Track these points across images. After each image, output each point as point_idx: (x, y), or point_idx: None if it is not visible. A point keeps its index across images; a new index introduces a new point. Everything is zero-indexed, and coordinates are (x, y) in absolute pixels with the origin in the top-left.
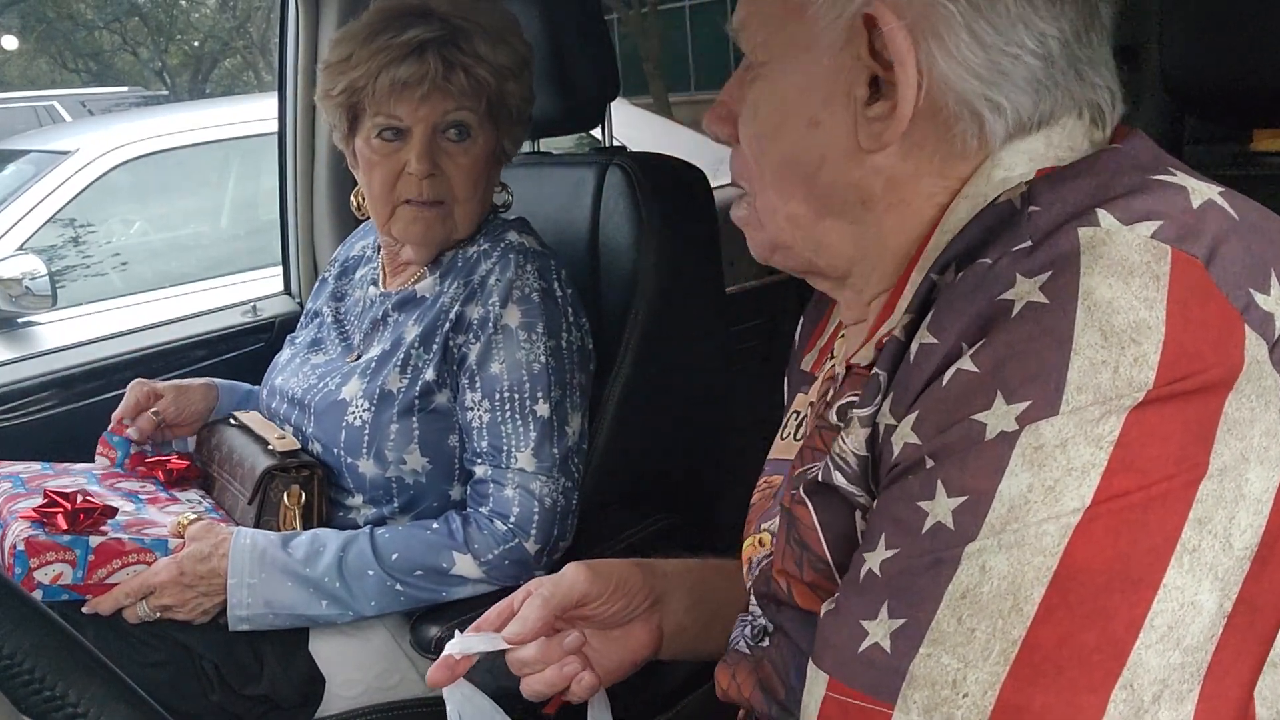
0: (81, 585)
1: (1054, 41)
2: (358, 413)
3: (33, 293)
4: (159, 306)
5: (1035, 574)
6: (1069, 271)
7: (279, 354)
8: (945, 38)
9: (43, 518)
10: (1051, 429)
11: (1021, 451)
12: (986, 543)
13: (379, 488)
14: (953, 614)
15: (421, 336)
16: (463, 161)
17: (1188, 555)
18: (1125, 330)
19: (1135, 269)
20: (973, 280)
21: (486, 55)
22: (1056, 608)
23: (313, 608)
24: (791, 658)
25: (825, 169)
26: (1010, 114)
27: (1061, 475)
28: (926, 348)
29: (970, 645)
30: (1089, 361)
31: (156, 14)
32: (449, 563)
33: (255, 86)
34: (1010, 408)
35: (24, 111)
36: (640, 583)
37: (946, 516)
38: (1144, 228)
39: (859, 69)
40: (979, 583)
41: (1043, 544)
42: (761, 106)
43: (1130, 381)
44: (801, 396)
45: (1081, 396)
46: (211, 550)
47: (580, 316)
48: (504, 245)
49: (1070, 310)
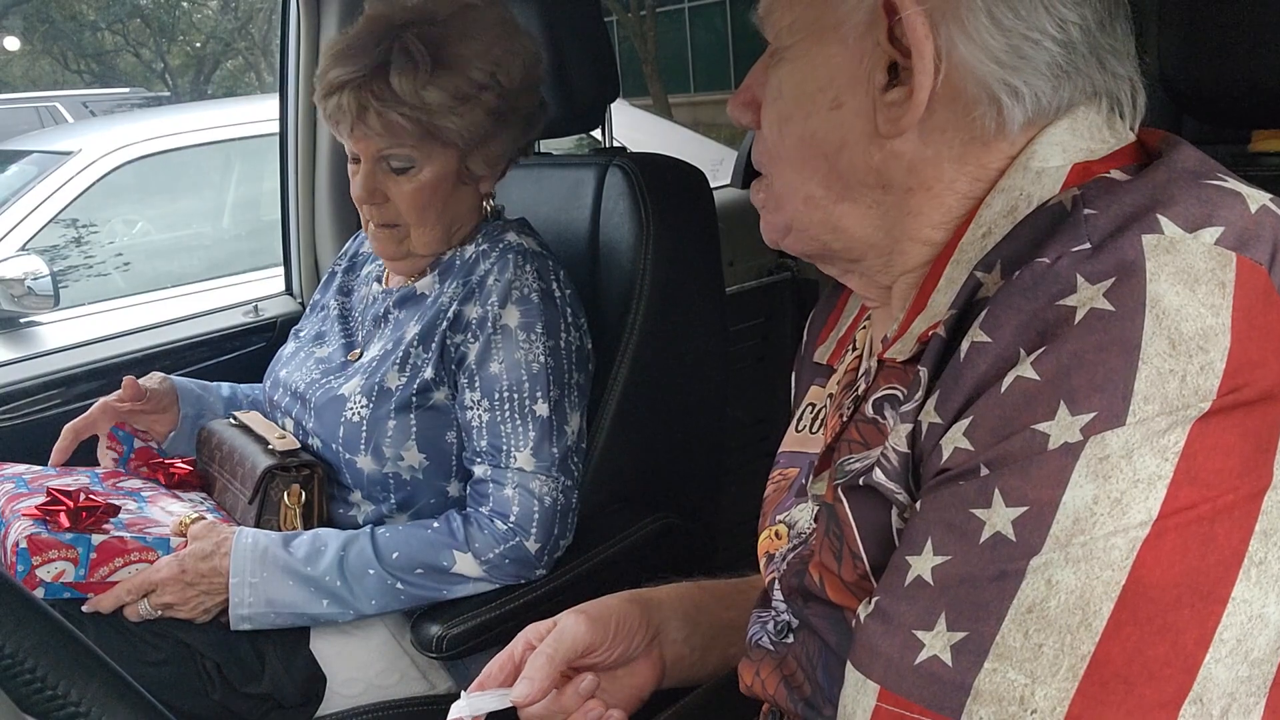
0: (83, 583)
1: (1075, 28)
2: (356, 409)
3: (35, 293)
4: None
5: (1104, 589)
6: (1135, 278)
7: (283, 346)
8: (965, 21)
9: (45, 516)
10: (1117, 440)
11: (1086, 463)
12: (1052, 556)
13: (376, 484)
14: (1019, 628)
15: (421, 335)
16: (406, 189)
17: (1255, 568)
18: (1193, 338)
19: (1201, 276)
20: (1029, 279)
21: (406, 95)
22: (1125, 623)
23: (314, 606)
24: (819, 654)
25: (845, 151)
26: (1029, 99)
27: (1128, 487)
28: (979, 346)
29: (1038, 661)
30: (1157, 371)
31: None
32: (450, 561)
33: (257, 88)
34: (1075, 418)
35: (26, 112)
36: (638, 620)
37: (1006, 527)
38: (1208, 234)
39: (879, 54)
40: (1045, 597)
41: (1110, 558)
42: (786, 87)
43: (1196, 390)
44: (817, 389)
45: (1149, 407)
46: (213, 549)
47: (579, 317)
48: (503, 246)
49: (1138, 318)
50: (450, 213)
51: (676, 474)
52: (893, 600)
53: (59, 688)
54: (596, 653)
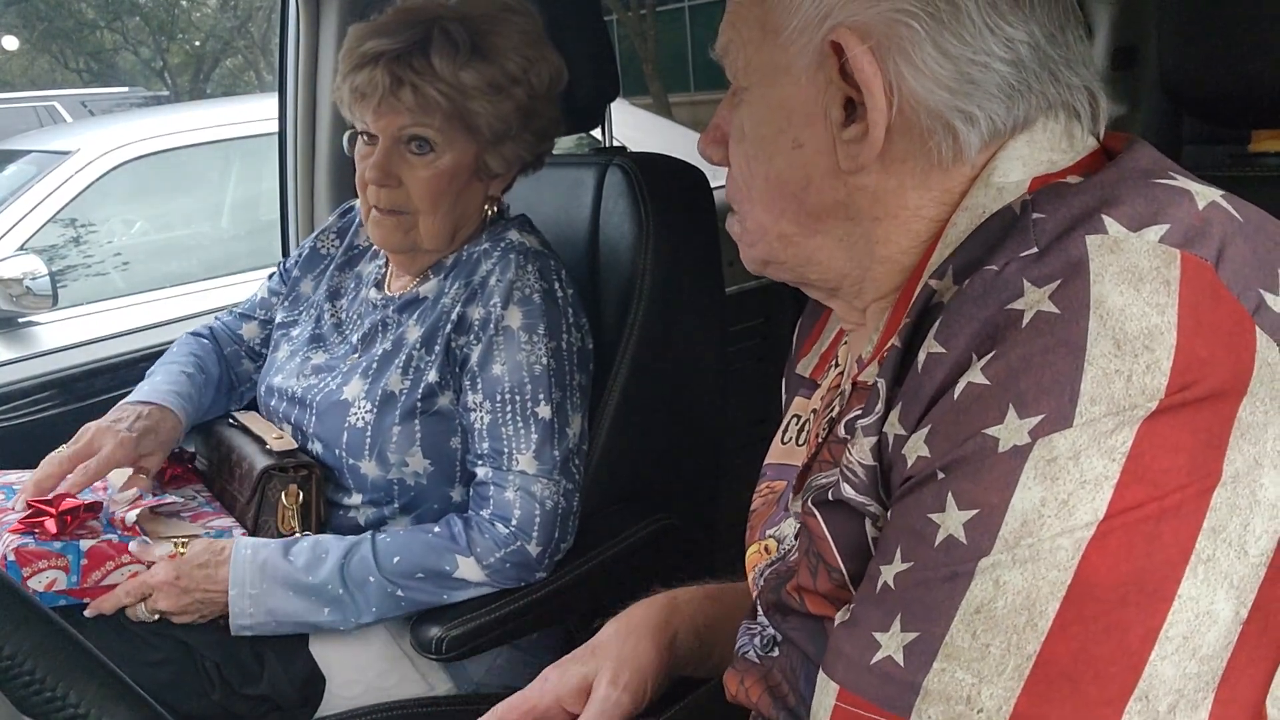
0: (77, 589)
1: (1024, 46)
2: (360, 414)
3: (33, 292)
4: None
5: (1050, 589)
6: (1079, 280)
7: (275, 351)
8: (912, 54)
9: (31, 527)
10: (1065, 441)
11: (1034, 465)
12: (1000, 557)
13: (380, 489)
14: (967, 629)
15: (424, 338)
16: (422, 174)
17: (1202, 565)
18: (1138, 337)
19: (1145, 275)
20: (980, 287)
21: (444, 73)
22: (1071, 622)
23: (314, 615)
24: (800, 666)
25: (811, 189)
26: (984, 122)
27: (1075, 488)
28: (935, 357)
29: (985, 661)
30: (1102, 371)
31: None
32: (451, 566)
33: (256, 86)
34: (1023, 421)
35: (25, 111)
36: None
37: (958, 530)
38: (1151, 232)
39: (833, 92)
40: (993, 598)
41: (1057, 559)
42: (748, 128)
43: (1143, 390)
44: (802, 401)
45: (1095, 408)
46: (210, 557)
47: (580, 317)
48: (505, 245)
49: (1083, 320)
50: (460, 208)
51: (676, 475)
52: (861, 606)
53: (57, 689)
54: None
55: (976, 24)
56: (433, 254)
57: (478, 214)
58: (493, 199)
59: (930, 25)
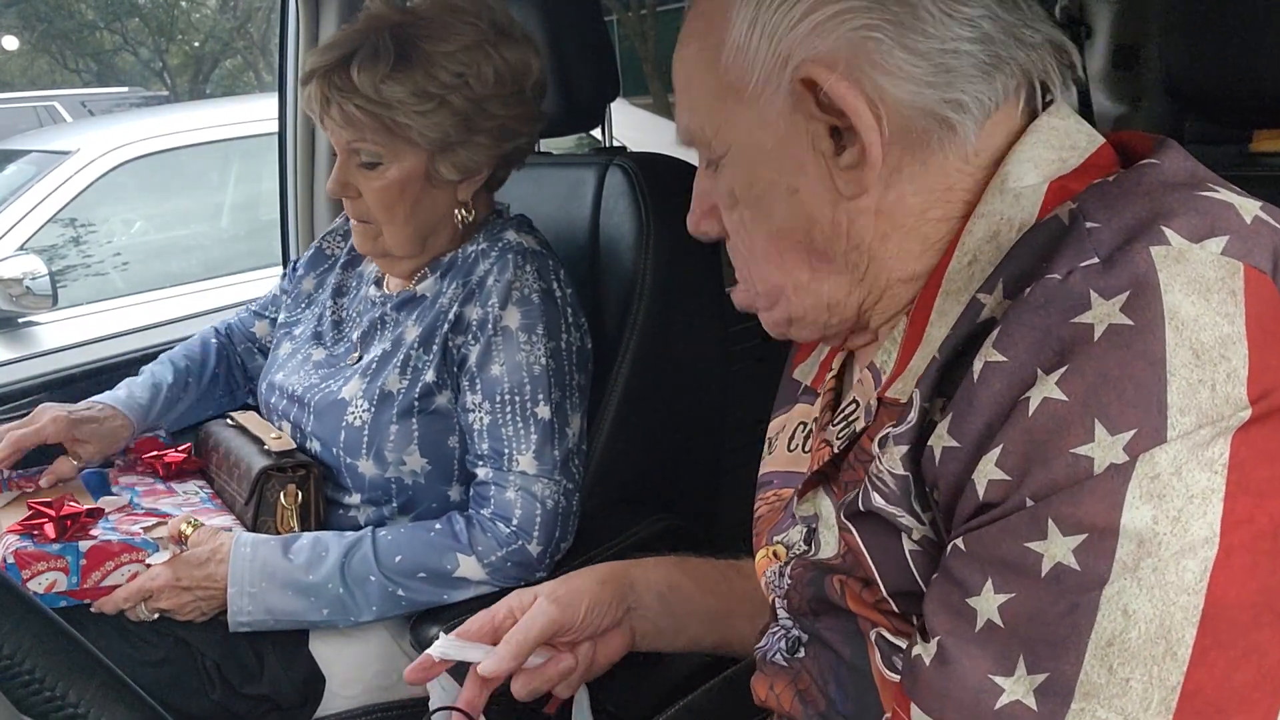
0: (78, 590)
1: (984, 20)
2: (357, 413)
3: (33, 292)
4: (159, 306)
5: (1184, 615)
6: (1149, 291)
7: (278, 348)
8: (884, 64)
9: (30, 530)
10: (1165, 456)
11: (1138, 482)
12: (1124, 584)
13: (378, 488)
14: (1102, 664)
15: (421, 337)
16: (373, 186)
17: None
18: (1214, 346)
19: (1213, 285)
20: (1042, 296)
21: (364, 88)
22: (1210, 648)
23: (313, 615)
24: (830, 668)
25: (816, 229)
26: (973, 104)
27: (1184, 504)
28: (993, 366)
29: (1127, 696)
30: (1186, 382)
31: (157, 14)
32: (452, 565)
33: (255, 87)
34: (1115, 438)
35: (25, 111)
36: (610, 600)
37: (1067, 556)
38: (1214, 244)
39: (815, 126)
40: (1125, 628)
41: (1184, 581)
42: (737, 192)
43: (1228, 399)
44: (805, 408)
45: (1186, 419)
46: (209, 555)
47: (579, 316)
48: (502, 245)
49: (1159, 330)
50: (421, 215)
51: (676, 474)
52: (960, 643)
53: (57, 689)
54: (567, 634)
55: (935, 15)
56: (410, 259)
57: (448, 219)
58: (464, 203)
59: (893, 31)
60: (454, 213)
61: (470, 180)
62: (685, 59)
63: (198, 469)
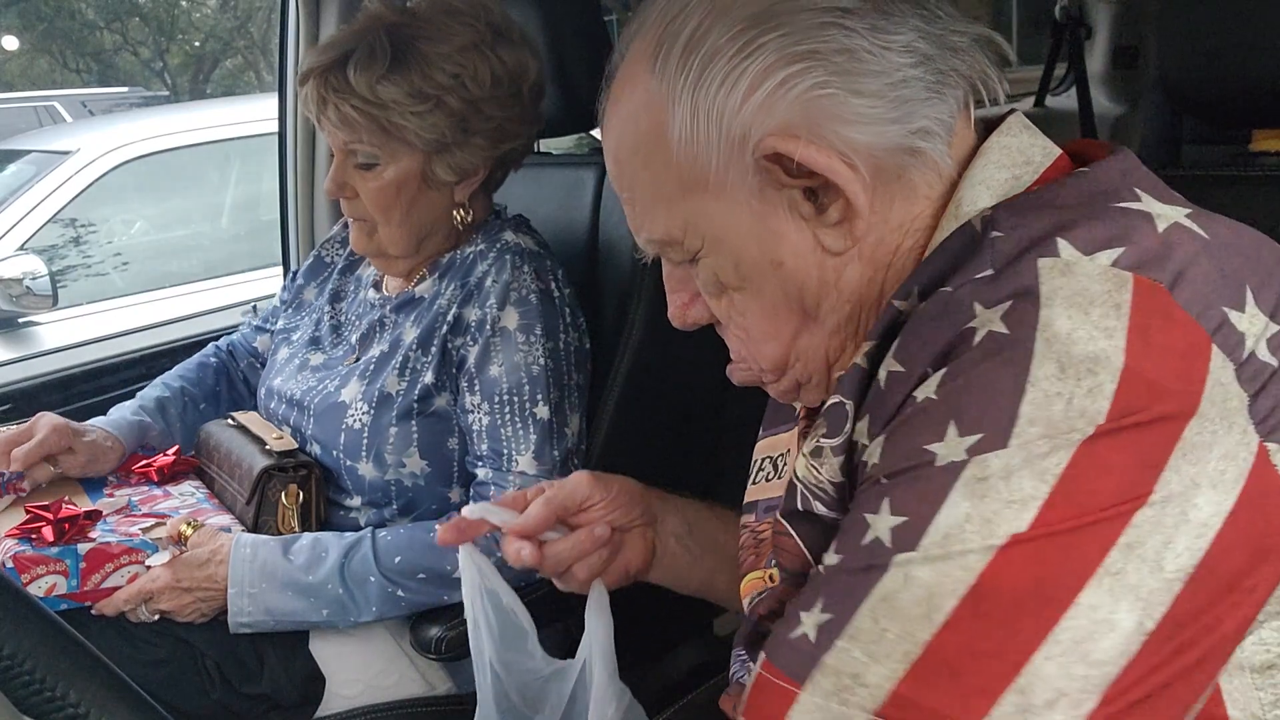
0: (78, 593)
1: (918, 42)
2: (357, 415)
3: (33, 292)
4: (159, 307)
5: (953, 586)
6: (1029, 302)
7: (276, 353)
8: (842, 114)
9: (28, 534)
10: (999, 461)
11: (965, 482)
12: (914, 555)
13: (378, 490)
14: (871, 615)
15: (420, 339)
16: (369, 187)
17: (1109, 578)
18: (1082, 361)
19: (1096, 299)
20: (936, 308)
21: (360, 88)
22: (965, 619)
23: (313, 615)
24: None
25: (807, 294)
26: (937, 125)
27: (1000, 507)
28: (895, 375)
29: (880, 643)
30: (1043, 393)
31: (157, 14)
32: (453, 565)
33: (256, 87)
34: (962, 439)
35: (25, 111)
36: (639, 497)
37: (885, 533)
38: (1105, 256)
39: (790, 193)
40: (901, 590)
41: (966, 561)
42: (723, 277)
43: (1083, 413)
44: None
45: (1032, 429)
46: (209, 556)
47: (578, 316)
48: (500, 246)
49: (1029, 342)
50: (417, 216)
51: (676, 474)
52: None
53: (58, 689)
54: (595, 508)
55: (874, 52)
56: (406, 259)
57: (445, 220)
58: (461, 204)
59: (840, 82)
60: (451, 214)
61: (467, 182)
62: (628, 166)
63: (190, 469)
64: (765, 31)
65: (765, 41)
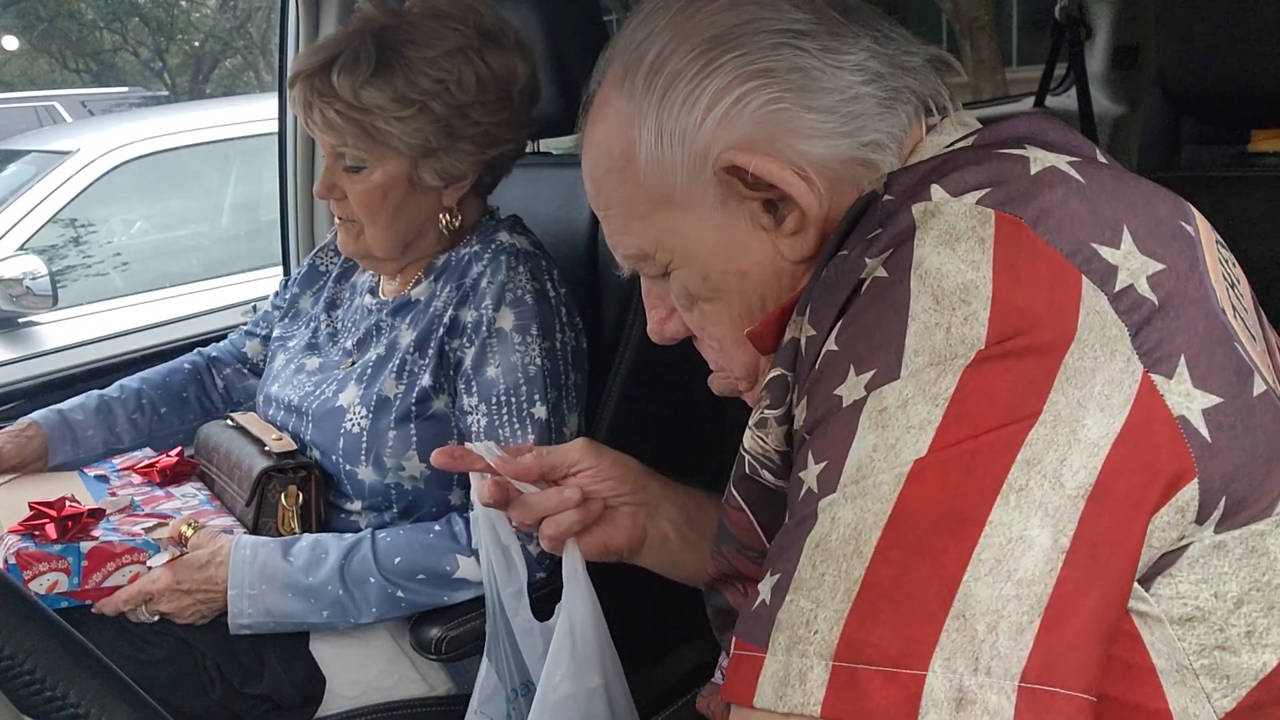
0: (79, 591)
1: (870, 61)
2: (355, 419)
3: (33, 293)
4: (159, 307)
5: (874, 519)
6: (905, 245)
7: (273, 360)
8: (796, 129)
9: (31, 530)
10: (893, 392)
11: (868, 415)
12: (835, 497)
13: (378, 494)
14: (809, 561)
15: (416, 342)
16: (356, 189)
17: (1014, 494)
18: (954, 292)
19: (961, 234)
20: (834, 273)
21: (343, 93)
22: (891, 548)
23: (313, 617)
24: None
25: (770, 298)
26: (888, 137)
27: (901, 433)
28: (811, 340)
29: (821, 588)
30: (924, 325)
31: (157, 14)
32: (452, 566)
33: (256, 87)
34: (859, 378)
35: (24, 111)
36: (634, 476)
37: (813, 482)
38: (971, 196)
39: (751, 205)
40: (829, 532)
41: (880, 492)
42: (692, 289)
43: (963, 339)
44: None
45: (919, 359)
46: (209, 558)
47: (574, 316)
48: (495, 247)
49: (905, 280)
50: (404, 220)
51: (676, 474)
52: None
53: (58, 689)
54: (582, 474)
55: (826, 70)
56: (392, 261)
57: (433, 224)
58: (449, 209)
59: (794, 98)
60: (438, 218)
61: (455, 186)
62: (603, 185)
63: (192, 470)
64: (724, 52)
65: (724, 62)
